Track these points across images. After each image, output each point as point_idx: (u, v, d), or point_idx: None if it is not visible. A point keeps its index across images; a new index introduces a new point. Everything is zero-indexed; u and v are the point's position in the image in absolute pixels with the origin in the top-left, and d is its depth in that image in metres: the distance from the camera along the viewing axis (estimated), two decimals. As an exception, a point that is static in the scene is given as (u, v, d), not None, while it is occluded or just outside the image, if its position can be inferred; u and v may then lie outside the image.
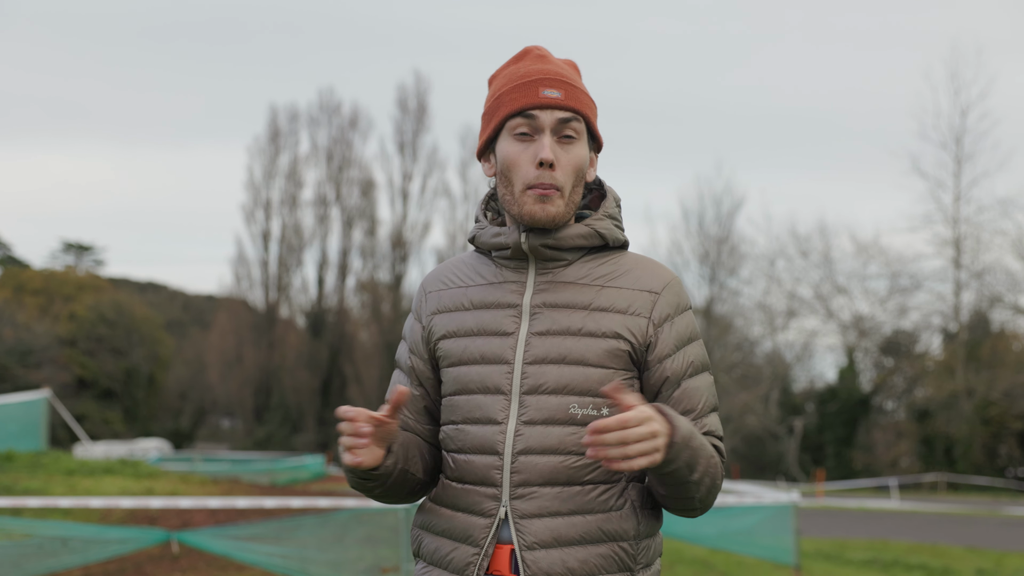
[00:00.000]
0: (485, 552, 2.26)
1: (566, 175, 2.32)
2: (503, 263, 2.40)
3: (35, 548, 8.96)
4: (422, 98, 57.05)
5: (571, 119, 2.33)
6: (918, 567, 13.29)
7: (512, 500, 2.25)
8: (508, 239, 2.36)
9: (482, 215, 2.48)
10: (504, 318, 2.34)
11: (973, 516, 25.17)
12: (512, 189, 2.34)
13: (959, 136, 43.25)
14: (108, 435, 50.49)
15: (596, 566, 2.23)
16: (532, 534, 2.23)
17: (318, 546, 9.30)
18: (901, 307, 45.85)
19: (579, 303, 2.32)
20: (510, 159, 2.34)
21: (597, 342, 2.29)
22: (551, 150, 2.30)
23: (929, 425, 41.78)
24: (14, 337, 49.01)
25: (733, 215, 48.88)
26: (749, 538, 11.75)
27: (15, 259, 65.16)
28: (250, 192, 59.03)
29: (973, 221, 43.16)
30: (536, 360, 2.29)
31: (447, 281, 2.46)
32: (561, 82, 2.35)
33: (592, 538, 2.24)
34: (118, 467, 21.19)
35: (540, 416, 2.26)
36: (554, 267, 2.36)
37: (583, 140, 2.37)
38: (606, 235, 2.37)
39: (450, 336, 2.38)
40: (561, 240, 2.34)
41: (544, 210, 2.30)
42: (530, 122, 2.32)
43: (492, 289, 2.38)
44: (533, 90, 2.33)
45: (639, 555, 2.27)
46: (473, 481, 2.31)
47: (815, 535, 17.58)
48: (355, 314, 59.21)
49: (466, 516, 2.30)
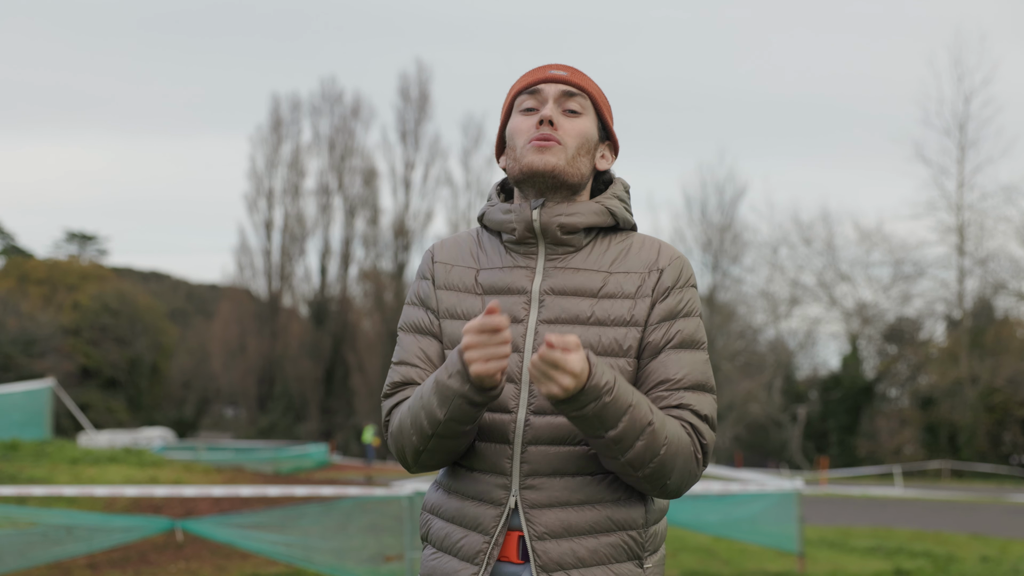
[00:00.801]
0: (496, 541, 2.25)
1: (568, 136, 2.34)
2: (512, 247, 2.38)
3: (40, 536, 8.98)
4: (424, 87, 57.06)
5: (575, 94, 2.38)
6: (922, 554, 13.29)
7: (522, 490, 2.25)
8: (518, 216, 2.34)
9: (496, 193, 2.48)
10: (514, 305, 2.32)
11: (977, 503, 25.17)
12: (515, 153, 2.36)
13: (962, 123, 43.23)
14: (112, 424, 50.61)
15: (606, 555, 2.23)
16: (542, 524, 2.23)
17: (322, 534, 9.32)
18: (904, 294, 45.86)
19: (588, 290, 2.31)
20: (514, 129, 2.39)
21: (606, 330, 2.28)
22: (552, 112, 2.35)
23: (933, 412, 41.78)
24: (18, 326, 49.10)
25: (736, 203, 48.91)
26: (753, 526, 11.75)
27: (19, 249, 65.22)
28: (253, 181, 59.13)
29: (977, 208, 43.16)
30: None
31: (456, 257, 2.44)
32: (569, 68, 2.42)
33: (602, 527, 2.23)
34: (122, 456, 21.26)
35: (549, 406, 2.24)
36: (563, 252, 2.35)
37: (589, 116, 2.40)
38: (616, 214, 2.37)
39: (458, 318, 2.36)
40: (574, 215, 2.33)
41: (543, 159, 2.31)
42: (535, 96, 2.38)
43: (502, 274, 2.36)
44: (541, 71, 2.41)
45: (647, 542, 2.28)
46: (484, 469, 2.30)
47: (819, 523, 17.59)
48: (358, 303, 59.26)
49: (477, 504, 2.29)
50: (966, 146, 43.16)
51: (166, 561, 10.87)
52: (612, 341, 2.27)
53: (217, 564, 10.68)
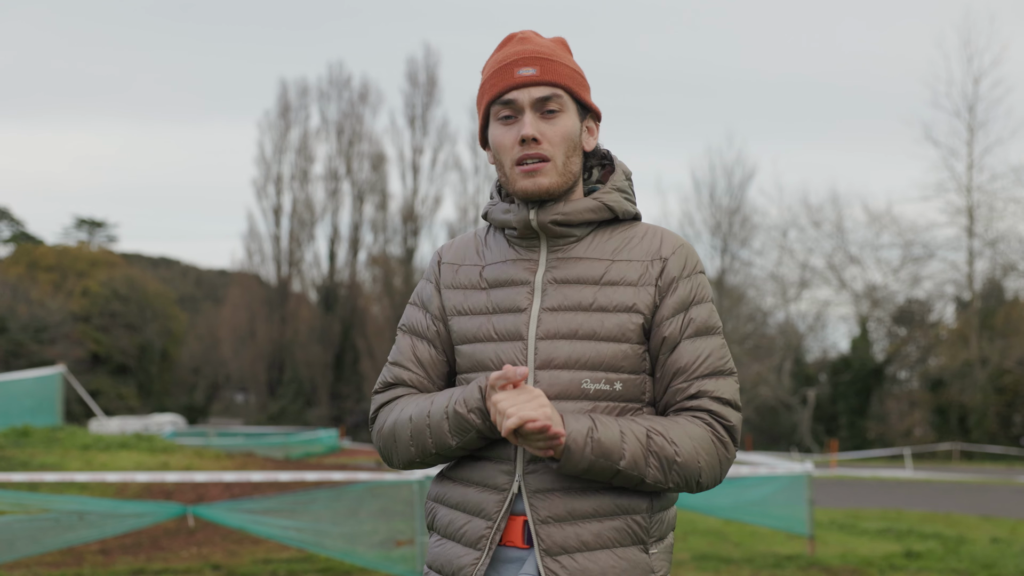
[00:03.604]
0: (498, 526, 2.26)
1: (554, 146, 2.32)
2: (515, 242, 2.41)
3: (52, 523, 9.00)
4: (432, 71, 56.95)
5: (550, 96, 2.33)
6: (932, 536, 13.29)
7: (526, 475, 2.26)
8: (516, 216, 2.36)
9: (496, 192, 2.49)
10: (517, 295, 2.34)
11: (987, 485, 25.16)
12: (504, 170, 2.36)
13: (972, 104, 43.06)
14: (123, 410, 50.76)
15: (610, 539, 2.23)
16: (546, 509, 2.23)
17: (332, 519, 9.33)
18: (914, 276, 45.77)
19: (590, 278, 2.32)
20: (497, 143, 2.36)
21: (608, 316, 2.28)
22: (532, 126, 2.31)
23: (943, 394, 41.72)
24: (28, 313, 49.22)
25: (745, 186, 48.84)
26: (763, 509, 11.75)
27: (28, 235, 65.35)
28: (261, 167, 59.10)
29: (986, 189, 43.01)
30: (548, 335, 2.28)
31: (462, 257, 2.47)
32: (536, 59, 2.34)
33: (605, 512, 2.24)
34: (133, 442, 21.30)
35: (552, 391, 2.25)
36: (565, 243, 2.36)
37: (569, 111, 2.36)
38: (615, 207, 2.37)
39: (464, 314, 2.39)
40: (570, 215, 2.34)
41: (535, 183, 2.31)
42: (510, 105, 2.34)
43: (505, 267, 2.38)
44: (509, 73, 2.34)
45: (652, 528, 2.27)
46: (487, 456, 2.31)
47: (829, 505, 17.60)
48: (367, 288, 59.29)
49: (480, 490, 2.31)
50: (975, 127, 43.02)
51: (178, 547, 10.91)
52: (615, 327, 2.28)
53: (229, 549, 10.72)
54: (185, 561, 10.07)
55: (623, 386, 2.27)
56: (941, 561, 11.09)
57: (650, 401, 2.32)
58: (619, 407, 2.27)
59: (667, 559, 2.31)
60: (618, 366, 2.27)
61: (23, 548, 8.83)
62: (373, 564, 9.00)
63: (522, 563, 2.26)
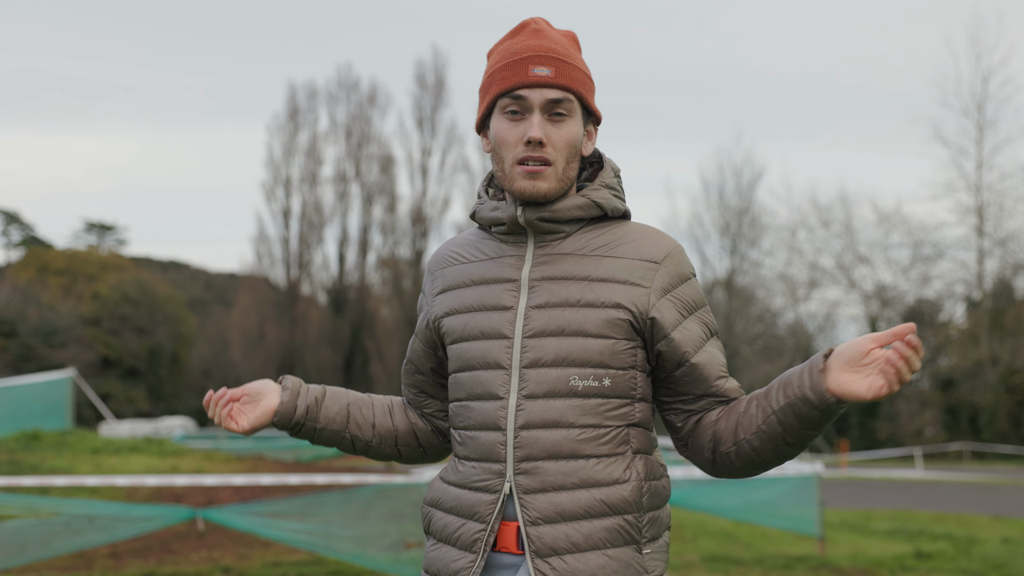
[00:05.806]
0: (491, 528, 2.26)
1: (558, 151, 2.31)
2: (503, 238, 2.40)
3: (62, 526, 9.03)
4: (440, 73, 57.01)
5: (561, 99, 2.31)
6: (943, 537, 13.26)
7: (516, 476, 2.25)
8: (504, 213, 2.36)
9: (483, 191, 2.48)
10: (503, 292, 2.34)
11: (998, 485, 25.10)
12: (503, 166, 2.34)
13: (981, 103, 42.95)
14: (133, 414, 50.89)
15: (601, 540, 2.22)
16: (536, 509, 2.23)
17: (342, 522, 9.34)
18: (924, 276, 45.66)
19: (577, 274, 2.31)
20: (500, 137, 2.34)
21: (596, 312, 2.27)
22: (540, 128, 2.29)
23: (953, 394, 41.63)
24: (39, 317, 49.38)
25: (753, 186, 48.78)
26: (773, 510, 11.74)
27: (38, 239, 65.55)
28: (270, 170, 59.19)
29: (996, 188, 42.89)
30: (535, 333, 2.28)
31: (450, 259, 2.48)
32: (552, 59, 2.32)
33: (596, 512, 2.22)
34: (143, 445, 21.37)
35: (541, 389, 2.25)
36: (552, 240, 2.36)
37: (576, 117, 2.35)
38: (603, 205, 2.36)
39: (452, 313, 2.40)
40: (557, 212, 2.33)
41: (535, 186, 2.30)
42: (519, 102, 2.32)
43: (492, 264, 2.38)
44: (523, 68, 2.31)
45: (644, 528, 2.25)
46: (479, 458, 2.31)
47: (839, 506, 17.57)
48: (376, 290, 59.36)
49: (472, 493, 2.31)
50: (984, 126, 42.92)
51: (188, 550, 10.93)
52: (603, 323, 2.27)
53: (239, 552, 10.74)
54: (195, 565, 10.08)
55: (612, 382, 2.26)
56: (952, 562, 11.06)
57: (641, 397, 2.32)
58: (608, 403, 2.26)
59: (662, 559, 2.29)
60: (606, 362, 2.26)
61: (34, 552, 8.85)
62: (383, 567, 9.00)
63: (516, 569, 2.25)
